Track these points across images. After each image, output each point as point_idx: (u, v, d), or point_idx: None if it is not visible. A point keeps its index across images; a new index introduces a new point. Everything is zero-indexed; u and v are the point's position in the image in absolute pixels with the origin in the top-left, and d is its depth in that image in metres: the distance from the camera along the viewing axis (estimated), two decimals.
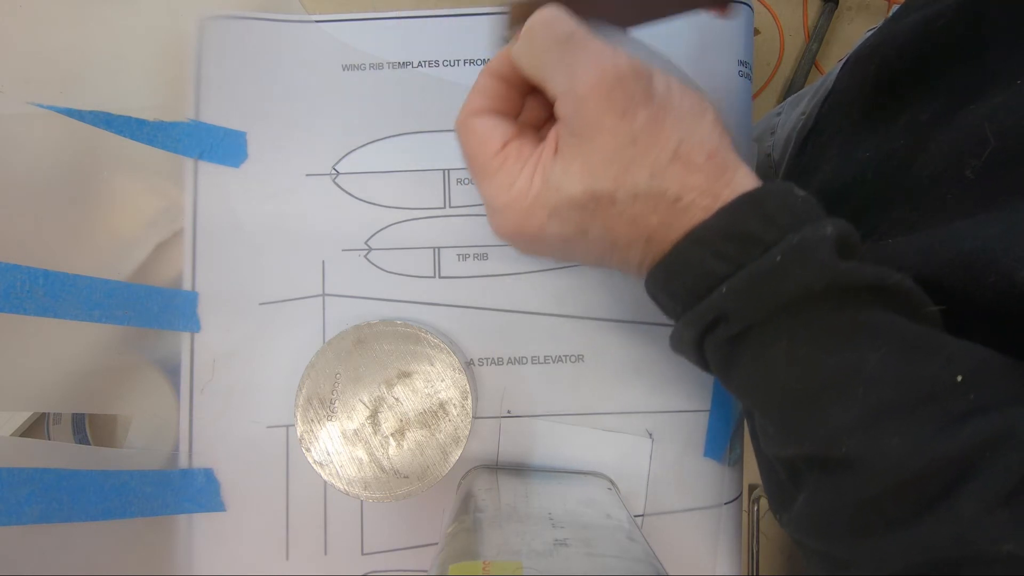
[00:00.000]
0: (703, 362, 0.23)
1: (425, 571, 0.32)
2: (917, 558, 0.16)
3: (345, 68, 0.33)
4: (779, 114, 0.48)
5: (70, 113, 0.29)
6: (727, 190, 0.20)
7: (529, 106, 0.25)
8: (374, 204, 0.33)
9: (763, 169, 0.47)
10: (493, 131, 0.23)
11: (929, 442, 0.16)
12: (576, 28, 0.21)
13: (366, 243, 0.32)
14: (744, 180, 0.21)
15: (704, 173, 0.20)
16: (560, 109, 0.21)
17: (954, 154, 0.23)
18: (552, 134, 0.22)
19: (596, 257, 0.23)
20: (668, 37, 0.32)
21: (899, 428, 0.17)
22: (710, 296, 0.20)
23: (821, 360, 0.18)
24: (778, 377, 0.19)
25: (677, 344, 0.24)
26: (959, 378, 0.17)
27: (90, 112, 0.30)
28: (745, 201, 0.20)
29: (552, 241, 0.22)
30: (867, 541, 0.18)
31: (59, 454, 0.28)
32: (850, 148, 0.30)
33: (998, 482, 0.16)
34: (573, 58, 0.20)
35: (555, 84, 0.21)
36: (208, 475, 0.32)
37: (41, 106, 0.28)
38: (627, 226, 0.21)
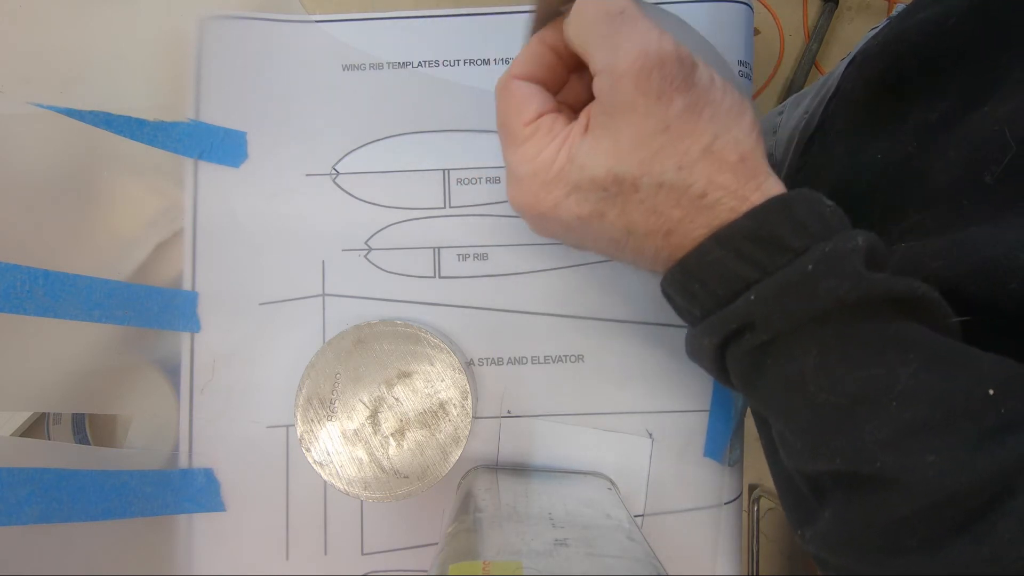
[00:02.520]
0: (721, 370, 0.22)
1: (425, 571, 0.32)
2: None
3: (345, 68, 0.33)
4: (781, 113, 0.48)
5: (70, 113, 0.29)
6: (756, 194, 0.20)
7: (572, 86, 0.24)
8: (374, 204, 0.33)
9: None
10: (530, 99, 0.22)
11: (966, 460, 0.16)
12: (629, 5, 0.20)
13: (366, 243, 0.32)
14: (774, 187, 0.20)
15: (734, 173, 0.20)
16: (597, 85, 0.21)
17: (972, 159, 0.22)
18: (585, 112, 0.21)
19: (609, 244, 0.23)
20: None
21: (934, 445, 0.16)
22: (735, 302, 0.19)
23: (852, 373, 0.18)
24: (807, 390, 0.19)
25: (695, 350, 0.23)
26: (991, 392, 0.17)
27: (90, 112, 0.30)
28: (775, 205, 0.19)
29: (567, 220, 0.22)
30: (898, 561, 0.17)
31: (59, 454, 0.28)
32: (858, 149, 0.30)
33: None
34: (618, 34, 0.20)
35: (597, 59, 0.20)
36: (208, 475, 0.32)
37: (41, 106, 0.28)
38: (647, 215, 0.21)
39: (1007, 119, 0.21)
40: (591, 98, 0.23)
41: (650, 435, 0.32)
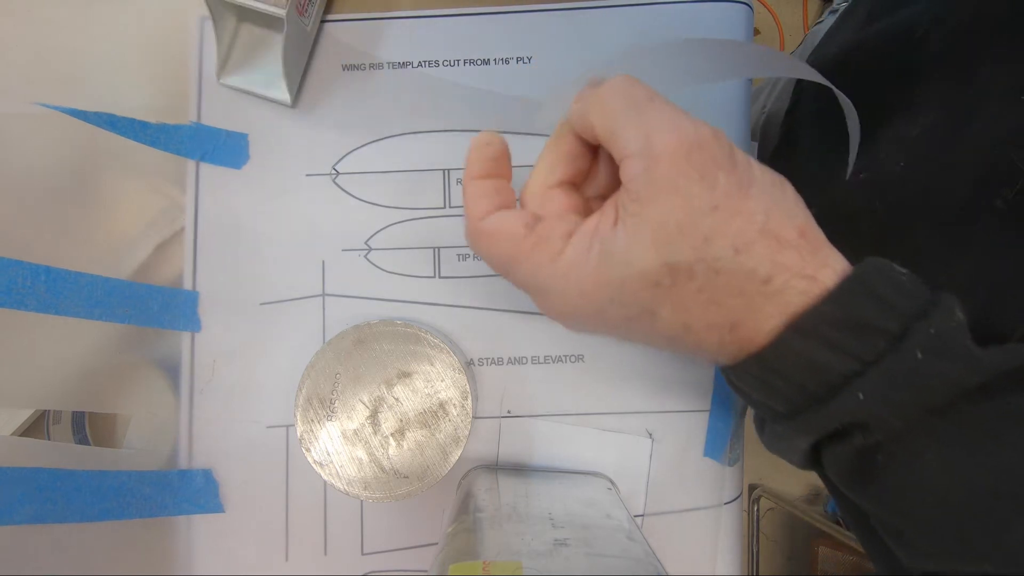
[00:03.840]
0: (813, 464, 0.20)
1: (425, 571, 0.32)
2: None
3: (345, 68, 0.33)
4: None
5: (75, 114, 0.29)
6: (825, 271, 0.18)
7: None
8: (374, 204, 0.32)
9: None
10: (507, 221, 0.21)
11: None
12: (656, 93, 0.19)
13: (366, 243, 0.32)
14: (838, 261, 0.18)
15: (797, 251, 0.18)
16: (628, 171, 0.19)
17: (979, 182, 0.21)
18: (610, 203, 0.20)
19: (665, 341, 0.20)
20: (668, 37, 0.32)
21: None
22: (836, 399, 0.17)
23: (982, 464, 0.16)
24: (935, 488, 0.17)
25: (782, 448, 0.21)
26: None
27: (94, 113, 0.30)
28: (853, 283, 0.17)
29: (614, 320, 0.20)
30: None
31: (57, 454, 0.28)
32: (834, 167, 0.28)
33: None
34: (650, 117, 0.19)
35: (628, 143, 0.19)
36: (207, 476, 0.32)
37: (47, 106, 0.28)
38: (705, 307, 0.18)
39: (1009, 137, 0.20)
40: (565, 206, 0.22)
41: (650, 435, 0.32)
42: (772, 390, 0.19)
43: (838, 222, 0.25)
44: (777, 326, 0.18)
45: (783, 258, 0.18)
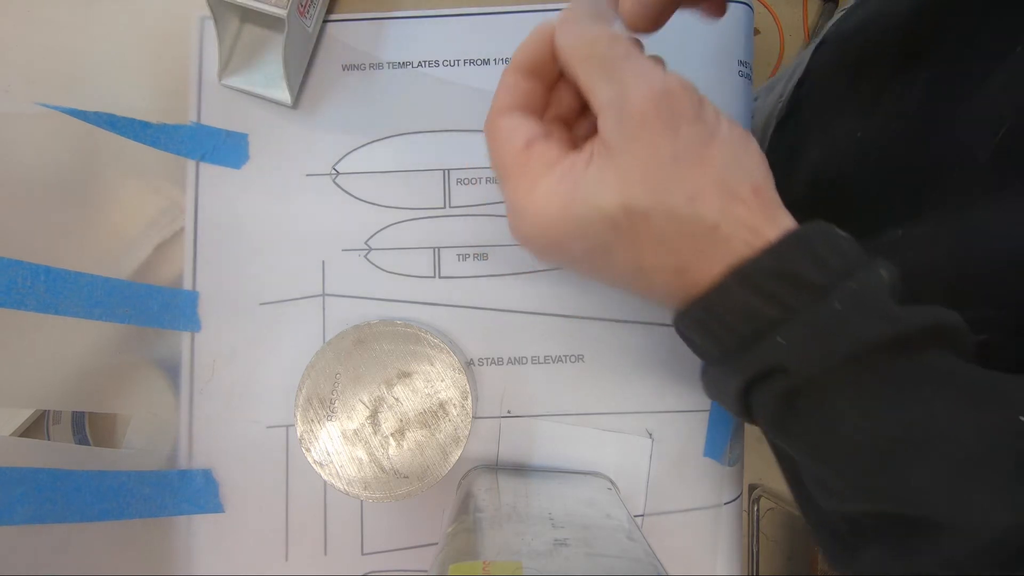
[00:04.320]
0: (743, 410, 0.21)
1: (425, 571, 0.32)
2: None
3: (345, 68, 0.33)
4: (755, 99, 0.47)
5: (76, 114, 0.29)
6: (771, 228, 0.19)
7: (557, 99, 0.24)
8: (374, 204, 0.33)
9: None
10: (516, 129, 0.22)
11: (1011, 496, 0.16)
12: (631, 46, 0.20)
13: (366, 243, 0.32)
14: (788, 221, 0.20)
15: (748, 206, 0.19)
16: (602, 122, 0.20)
17: (965, 137, 0.22)
18: (587, 146, 0.21)
19: (618, 279, 0.22)
20: (668, 37, 0.32)
21: (979, 484, 0.16)
22: (761, 343, 0.19)
23: (893, 414, 0.17)
24: (847, 433, 0.18)
25: (715, 391, 0.22)
26: (1021, 418, 0.16)
27: (95, 113, 0.30)
28: (793, 240, 0.19)
29: (573, 253, 0.21)
30: None
31: (56, 454, 0.28)
32: (834, 130, 0.29)
33: None
34: (623, 71, 0.20)
35: (602, 95, 0.20)
36: (207, 476, 0.32)
37: (47, 106, 0.28)
38: (657, 250, 0.20)
39: (1002, 85, 0.21)
40: (580, 106, 0.23)
41: (650, 435, 0.32)
42: (710, 333, 0.20)
43: (828, 181, 0.26)
44: (721, 272, 0.19)
45: (734, 210, 0.19)
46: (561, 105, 0.24)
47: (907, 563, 0.18)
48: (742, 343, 0.19)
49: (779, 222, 0.19)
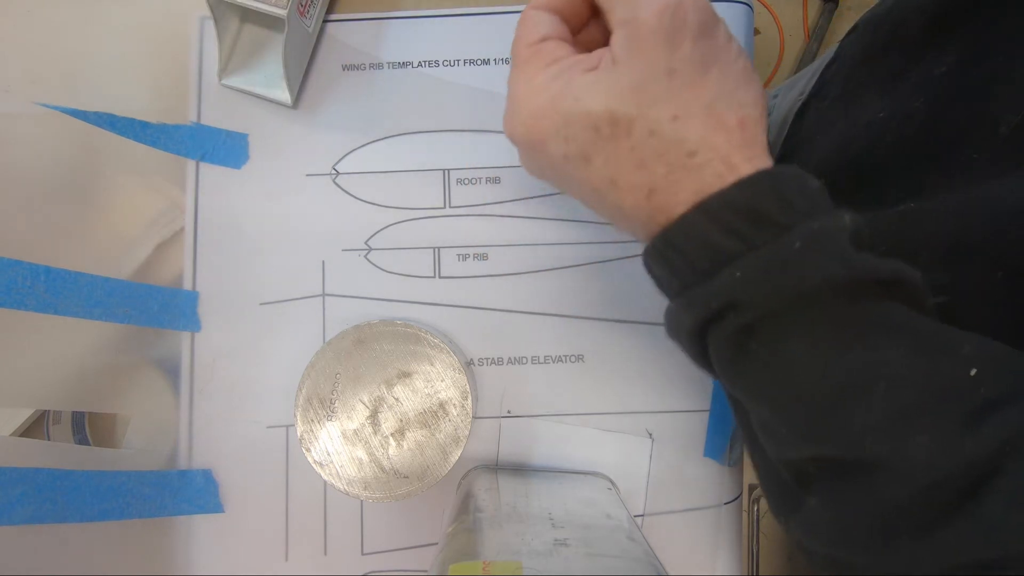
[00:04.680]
0: (700, 352, 0.21)
1: (425, 571, 0.32)
2: (948, 561, 0.16)
3: (345, 68, 0.33)
4: (775, 96, 0.47)
5: (75, 114, 0.29)
6: (746, 164, 0.19)
7: (591, 31, 0.24)
8: (374, 204, 0.33)
9: None
10: (539, 24, 0.22)
11: (954, 442, 0.16)
12: None
13: (366, 243, 0.32)
14: (764, 159, 0.20)
15: (729, 138, 0.19)
16: (614, 38, 0.20)
17: (985, 109, 0.22)
18: (596, 53, 0.21)
19: (591, 193, 0.22)
20: None
21: (923, 429, 0.16)
22: (717, 277, 0.18)
23: (841, 357, 0.17)
24: (795, 375, 0.18)
25: (673, 327, 0.22)
26: (973, 372, 0.17)
27: (95, 113, 0.30)
28: (762, 178, 0.19)
29: (554, 156, 0.21)
30: (889, 546, 0.17)
31: (56, 454, 0.28)
32: (858, 110, 0.29)
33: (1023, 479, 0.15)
34: None
35: (618, 12, 0.20)
36: (207, 476, 0.32)
37: (47, 106, 0.28)
38: (632, 167, 0.20)
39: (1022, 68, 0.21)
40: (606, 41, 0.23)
41: (650, 435, 0.32)
42: (670, 265, 0.20)
43: (848, 160, 0.26)
44: (688, 201, 0.19)
45: (714, 139, 0.19)
46: (590, 36, 0.24)
47: (842, 507, 0.18)
48: (700, 276, 0.19)
49: (756, 161, 0.19)
